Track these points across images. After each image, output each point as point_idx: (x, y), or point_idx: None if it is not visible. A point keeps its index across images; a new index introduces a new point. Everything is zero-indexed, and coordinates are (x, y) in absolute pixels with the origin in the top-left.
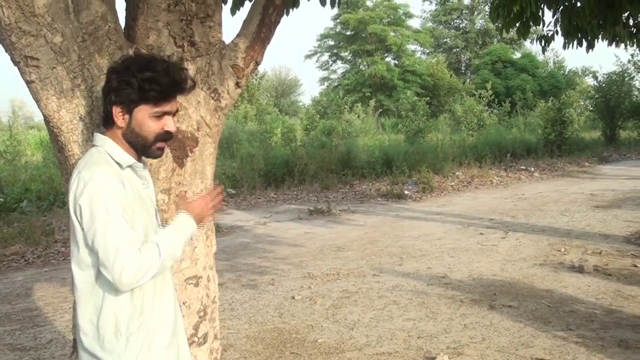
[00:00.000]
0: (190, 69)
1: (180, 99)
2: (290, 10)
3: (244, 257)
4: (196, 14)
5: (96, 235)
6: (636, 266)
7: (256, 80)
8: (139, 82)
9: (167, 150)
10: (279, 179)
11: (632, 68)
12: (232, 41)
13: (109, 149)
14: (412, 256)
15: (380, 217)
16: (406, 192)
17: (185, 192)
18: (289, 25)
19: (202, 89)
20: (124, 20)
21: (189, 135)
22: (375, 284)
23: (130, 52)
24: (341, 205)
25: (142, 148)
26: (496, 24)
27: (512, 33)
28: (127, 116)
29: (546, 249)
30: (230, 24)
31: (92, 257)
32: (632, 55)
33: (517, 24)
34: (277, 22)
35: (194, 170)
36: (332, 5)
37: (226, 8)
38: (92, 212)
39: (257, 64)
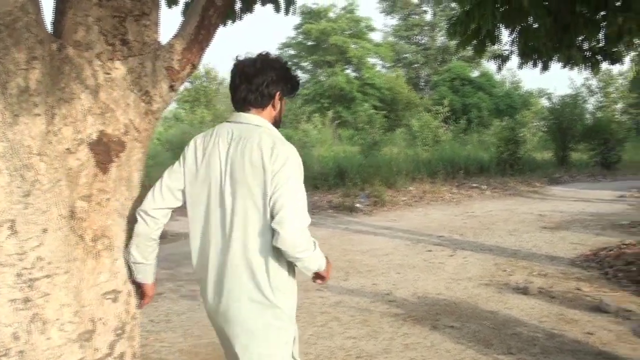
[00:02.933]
0: (121, 69)
1: (107, 100)
2: (244, 15)
3: (186, 267)
4: (131, 11)
5: (288, 193)
6: (580, 290)
7: (215, 85)
8: (294, 81)
9: (88, 154)
10: None
11: (585, 92)
12: (168, 42)
13: (270, 127)
14: (359, 271)
15: (329, 229)
16: (358, 205)
17: (108, 199)
18: (250, 33)
19: (133, 90)
20: (52, 14)
21: (115, 139)
22: (319, 299)
23: (54, 47)
24: None
25: (276, 128)
26: (453, 40)
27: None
28: (279, 103)
29: (492, 268)
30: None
31: (265, 215)
32: (586, 79)
33: (474, 42)
34: (218, 24)
35: (118, 177)
36: (287, 12)
37: (177, 9)
38: (291, 177)
39: (194, 67)
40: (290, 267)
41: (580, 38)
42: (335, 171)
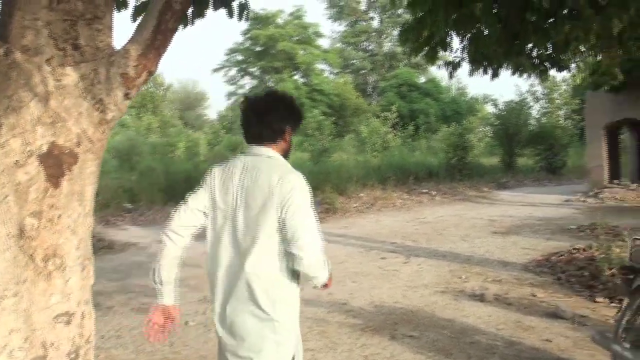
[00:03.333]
0: (73, 75)
1: (58, 109)
2: (196, 20)
3: (136, 278)
4: (82, 15)
5: (298, 221)
6: (535, 296)
7: (161, 91)
8: (300, 114)
9: (38, 167)
10: (180, 195)
11: (530, 98)
12: (123, 47)
13: (280, 158)
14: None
15: None
16: None
17: (60, 216)
18: (197, 38)
19: (85, 98)
20: None
21: (67, 151)
22: None
23: (1, 51)
24: None
25: (285, 158)
26: (405, 47)
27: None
28: (289, 136)
29: (447, 275)
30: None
31: (276, 237)
32: (530, 85)
33: (426, 49)
34: (175, 29)
35: (70, 192)
36: (240, 18)
37: (127, 13)
38: (302, 206)
39: (151, 73)
40: (294, 280)
41: (529, 46)
42: None
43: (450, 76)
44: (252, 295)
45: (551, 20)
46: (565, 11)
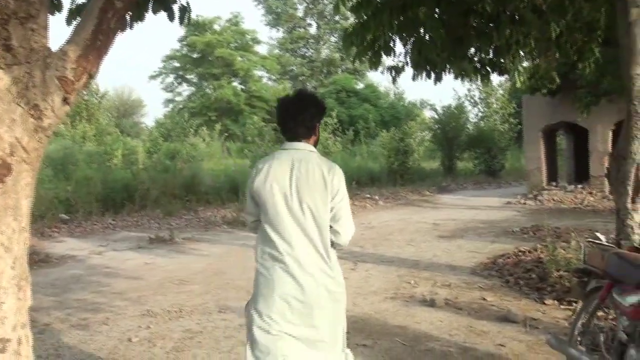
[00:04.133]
0: (5, 79)
1: None
2: (135, 23)
3: (75, 292)
4: (15, 13)
5: (344, 206)
6: (485, 299)
7: (97, 99)
8: (325, 109)
9: None
10: (118, 204)
11: (468, 102)
12: (60, 49)
13: (316, 151)
14: None
15: (226, 246)
16: None
17: None
18: (134, 43)
19: (19, 104)
20: None
21: (0, 161)
22: (222, 322)
23: None
24: (185, 232)
25: None
26: (348, 52)
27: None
28: (318, 131)
29: (396, 281)
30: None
31: (328, 215)
32: (468, 90)
33: (369, 53)
34: (117, 29)
35: (4, 206)
36: (181, 21)
37: (61, 16)
38: (343, 191)
39: (91, 77)
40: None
41: (472, 50)
42: (228, 185)
43: (394, 81)
44: (324, 259)
45: (493, 24)
46: (507, 15)
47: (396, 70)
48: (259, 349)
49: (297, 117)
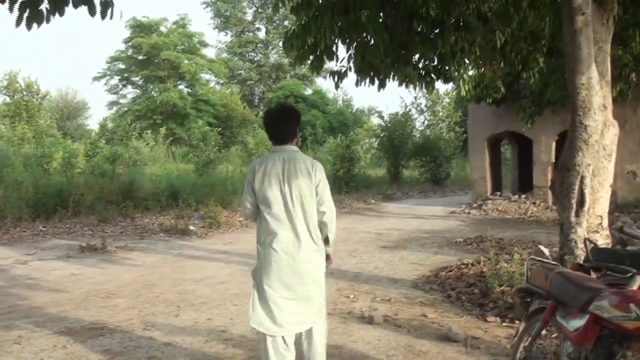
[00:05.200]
0: None
1: None
2: (52, 17)
3: None
4: None
5: (326, 192)
6: (425, 316)
7: (37, 99)
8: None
9: None
10: (51, 210)
11: (414, 110)
12: None
13: (299, 151)
14: (192, 304)
15: (160, 255)
16: (191, 227)
17: None
18: (77, 44)
19: None
20: None
21: None
22: (145, 340)
23: None
24: (119, 241)
25: None
26: (289, 55)
27: (305, 69)
28: (298, 134)
29: (335, 295)
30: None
31: (314, 201)
32: (415, 97)
33: (311, 57)
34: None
35: None
36: (103, 16)
37: None
38: (324, 180)
39: None
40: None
41: (416, 56)
42: (169, 191)
43: (337, 86)
44: (311, 239)
45: (437, 30)
46: (452, 22)
47: (339, 76)
48: (268, 314)
49: (282, 125)
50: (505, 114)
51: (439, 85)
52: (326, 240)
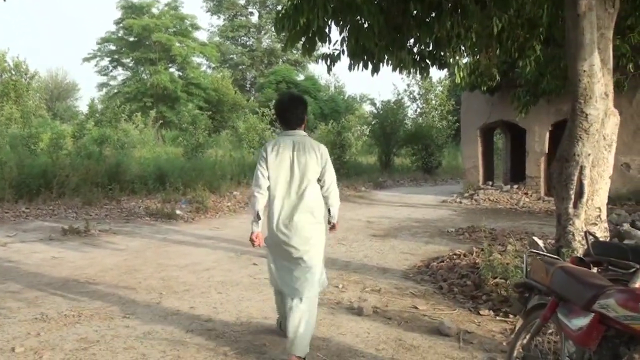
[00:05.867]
0: None
1: None
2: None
3: None
4: None
5: (330, 171)
6: (416, 308)
7: (25, 79)
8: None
9: None
10: (34, 191)
11: (407, 98)
12: None
13: (307, 135)
14: (174, 291)
15: (145, 240)
16: (178, 211)
17: None
18: (66, 24)
19: None
20: None
21: None
22: (124, 329)
23: None
24: (103, 224)
25: None
26: (280, 36)
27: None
28: (306, 120)
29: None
30: None
31: (314, 185)
32: (408, 85)
33: (303, 39)
34: None
35: None
36: None
37: None
38: (329, 161)
39: None
40: (325, 205)
41: (411, 41)
42: (156, 174)
43: (329, 70)
44: (311, 210)
45: (434, 13)
46: (449, 6)
47: (331, 59)
48: (274, 271)
49: (292, 112)
50: (499, 102)
51: (433, 72)
52: (330, 212)
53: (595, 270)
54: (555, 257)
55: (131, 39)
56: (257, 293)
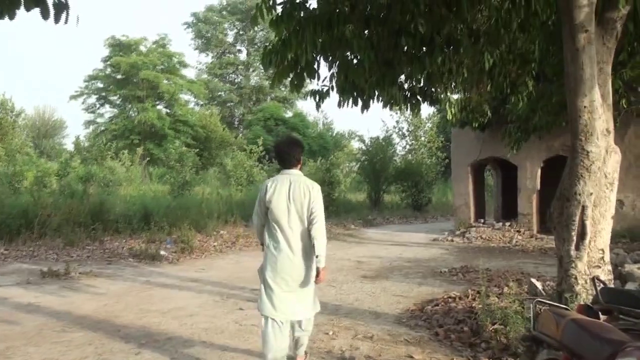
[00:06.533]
0: None
1: None
2: (2, 18)
3: None
4: None
5: (320, 210)
6: (412, 357)
7: (12, 117)
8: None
9: None
10: (15, 232)
11: (396, 135)
12: None
13: (302, 174)
14: (155, 340)
15: (127, 283)
16: (162, 252)
17: None
18: (56, 63)
19: None
20: None
21: None
22: None
23: None
24: (85, 266)
25: None
26: (267, 72)
27: (285, 91)
28: (301, 161)
29: (313, 331)
30: None
31: (306, 221)
32: (397, 121)
33: (291, 75)
34: None
35: None
36: (57, 20)
37: None
38: (318, 199)
39: None
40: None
41: (402, 77)
42: (141, 213)
43: (317, 107)
44: (307, 246)
45: (426, 49)
46: (441, 40)
47: (320, 95)
48: (270, 301)
49: (289, 153)
50: (490, 139)
51: (423, 108)
52: (314, 249)
53: (603, 318)
54: (565, 307)
55: (119, 76)
56: (242, 341)
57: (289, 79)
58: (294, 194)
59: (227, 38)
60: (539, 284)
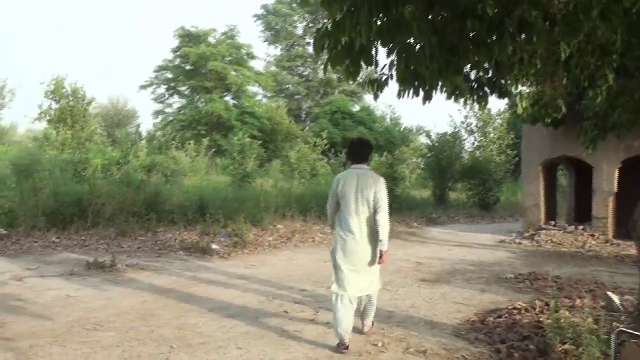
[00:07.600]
0: None
1: None
2: None
3: None
4: None
5: (384, 200)
6: None
7: (83, 105)
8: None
9: None
10: (67, 220)
11: (464, 130)
12: None
13: (370, 169)
14: (188, 345)
15: (172, 277)
16: (214, 246)
17: None
18: (128, 54)
19: None
20: None
21: None
22: None
23: None
24: (133, 257)
25: None
26: (319, 56)
27: (351, 85)
28: (371, 158)
29: (360, 341)
30: None
31: (372, 209)
32: (465, 117)
33: (347, 61)
34: None
35: None
36: None
37: None
38: (382, 190)
39: None
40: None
41: (467, 66)
42: (197, 204)
43: (375, 97)
44: (372, 232)
45: (494, 34)
46: (512, 22)
47: (378, 85)
48: (339, 280)
49: (360, 151)
50: (564, 137)
51: (492, 102)
52: (379, 235)
53: None
54: None
55: (187, 67)
56: (282, 350)
57: (344, 65)
58: (362, 186)
59: (296, 30)
60: (616, 298)
